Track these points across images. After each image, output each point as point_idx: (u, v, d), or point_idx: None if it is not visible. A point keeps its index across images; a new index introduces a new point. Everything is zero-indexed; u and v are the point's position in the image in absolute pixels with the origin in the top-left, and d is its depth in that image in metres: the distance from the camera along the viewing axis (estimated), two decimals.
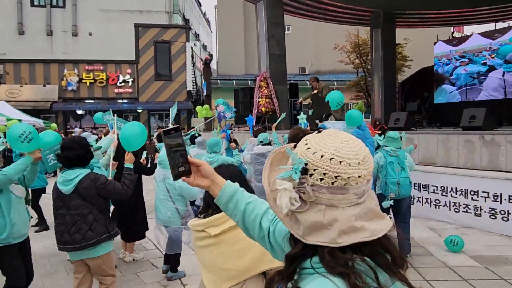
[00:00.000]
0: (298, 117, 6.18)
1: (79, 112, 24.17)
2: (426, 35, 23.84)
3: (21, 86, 23.46)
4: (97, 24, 26.70)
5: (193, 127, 11.89)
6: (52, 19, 26.13)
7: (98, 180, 3.38)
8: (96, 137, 8.69)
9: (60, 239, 3.42)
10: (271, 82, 14.44)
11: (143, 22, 25.83)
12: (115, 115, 6.93)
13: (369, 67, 20.05)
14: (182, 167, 1.27)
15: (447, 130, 8.59)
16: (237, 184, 1.41)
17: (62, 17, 26.62)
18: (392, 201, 5.07)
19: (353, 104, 20.40)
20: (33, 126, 14.06)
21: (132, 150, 3.60)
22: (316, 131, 1.14)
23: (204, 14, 50.59)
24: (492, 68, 13.15)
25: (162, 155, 4.76)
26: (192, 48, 30.02)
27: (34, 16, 25.66)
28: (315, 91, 11.10)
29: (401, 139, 5.41)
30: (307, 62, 30.78)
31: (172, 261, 4.64)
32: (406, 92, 17.33)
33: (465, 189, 6.49)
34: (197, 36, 38.44)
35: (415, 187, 7.24)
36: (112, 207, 5.08)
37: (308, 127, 6.60)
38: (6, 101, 20.09)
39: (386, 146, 5.36)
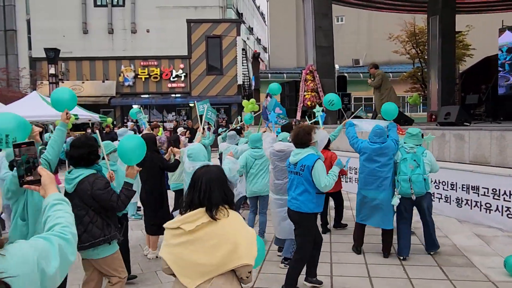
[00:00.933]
0: (314, 110, 5.90)
1: (134, 106, 25.07)
2: (492, 21, 22.00)
3: (83, 83, 24.82)
4: (154, 21, 27.49)
5: (239, 121, 11.83)
6: (113, 17, 27.27)
7: (96, 184, 3.31)
8: (132, 133, 8.92)
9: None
10: (317, 75, 14.02)
11: (197, 18, 26.17)
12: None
13: (426, 57, 18.84)
14: (30, 176, 1.49)
15: (502, 125, 7.77)
16: (55, 201, 1.70)
17: (122, 16, 27.70)
18: (399, 199, 4.97)
19: (407, 96, 19.31)
20: (89, 120, 14.60)
21: (132, 164, 3.44)
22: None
23: (258, 8, 50.57)
24: None
25: (191, 148, 4.78)
26: (245, 42, 30.07)
27: (97, 16, 26.94)
28: (370, 80, 10.53)
29: (422, 136, 5.26)
30: (361, 53, 29.68)
31: None
32: (467, 83, 16.08)
33: None
34: (250, 30, 38.46)
35: (464, 189, 6.62)
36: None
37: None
38: None
39: (405, 143, 5.18)
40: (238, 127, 10.10)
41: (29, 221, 3.23)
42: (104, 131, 16.64)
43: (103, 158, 3.82)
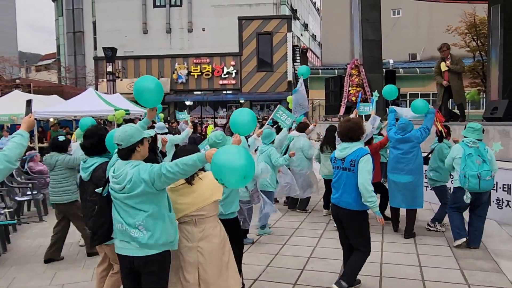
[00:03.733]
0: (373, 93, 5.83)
1: (187, 103, 25.89)
2: None
3: None
4: (209, 19, 28.16)
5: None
6: (171, 17, 28.35)
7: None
8: (167, 125, 9.16)
9: (85, 222, 3.70)
10: (363, 70, 13.57)
11: (249, 15, 26.41)
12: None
13: (487, 49, 17.52)
14: None
15: None
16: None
17: (179, 15, 28.75)
18: (470, 196, 4.92)
19: (465, 92, 18.08)
20: (140, 116, 15.26)
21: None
22: None
23: (314, 4, 49.91)
24: None
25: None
26: (299, 38, 29.82)
27: (156, 16, 28.14)
28: (447, 62, 9.02)
29: (483, 132, 5.21)
30: (419, 47, 28.23)
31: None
32: None
33: None
34: (305, 26, 38.10)
35: (505, 189, 6.10)
36: None
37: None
38: (127, 94, 22.54)
39: (465, 137, 5.15)
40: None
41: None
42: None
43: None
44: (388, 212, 6.27)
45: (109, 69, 20.33)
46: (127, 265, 2.70)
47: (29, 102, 3.16)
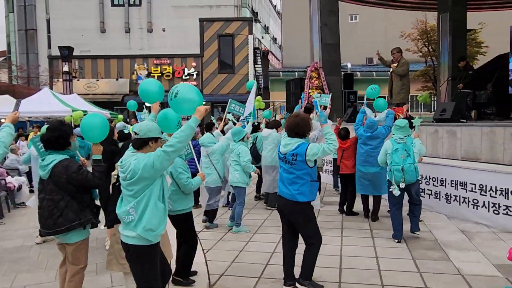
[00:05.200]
0: (313, 94, 6.12)
1: (147, 104, 25.47)
2: (506, 18, 21.39)
3: (97, 80, 25.33)
4: (169, 20, 27.87)
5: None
6: (130, 17, 27.83)
7: (70, 168, 3.41)
8: (129, 127, 9.08)
9: (41, 222, 3.54)
10: (322, 73, 13.97)
11: (211, 17, 26.38)
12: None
13: (437, 55, 18.52)
14: None
15: (492, 122, 7.64)
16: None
17: (138, 15, 28.26)
18: (399, 189, 5.30)
19: (418, 95, 19.02)
20: None
21: (94, 141, 3.55)
22: None
23: (275, 7, 50.51)
24: None
25: (202, 138, 6.17)
26: (259, 40, 30.08)
27: (114, 15, 27.50)
28: (394, 64, 9.79)
29: (411, 126, 5.74)
30: (375, 52, 29.33)
31: (210, 214, 6.36)
32: (479, 81, 15.72)
33: (506, 189, 5.70)
34: (266, 28, 38.48)
35: (452, 185, 6.55)
36: None
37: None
38: (84, 94, 21.94)
39: (394, 134, 5.63)
40: (256, 123, 10.17)
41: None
42: None
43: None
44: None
45: (66, 68, 19.73)
46: (127, 252, 3.02)
47: (18, 102, 3.80)
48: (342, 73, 15.75)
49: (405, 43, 22.01)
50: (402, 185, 5.23)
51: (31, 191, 9.20)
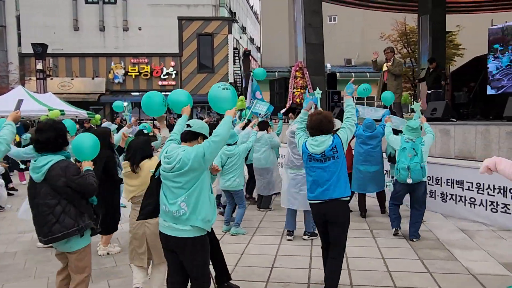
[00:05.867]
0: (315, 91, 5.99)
1: (125, 104, 24.85)
2: (481, 21, 21.99)
3: (72, 79, 24.54)
4: (146, 18, 27.41)
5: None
6: (104, 15, 27.20)
7: (69, 170, 3.13)
8: (117, 126, 8.77)
9: (37, 230, 3.23)
10: (307, 73, 13.90)
11: (189, 16, 26.05)
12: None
13: (417, 56, 18.83)
14: None
15: (486, 121, 7.72)
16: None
17: (113, 13, 27.66)
18: (392, 183, 5.56)
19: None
20: (76, 117, 14.36)
21: (83, 159, 3.38)
22: None
23: (252, 7, 50.45)
24: None
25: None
26: (238, 41, 29.92)
27: (88, 13, 26.80)
28: (389, 63, 9.64)
29: (421, 128, 5.59)
30: (354, 53, 29.66)
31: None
32: (457, 83, 16.05)
33: (504, 187, 5.72)
34: (243, 29, 38.35)
35: (448, 183, 6.54)
36: None
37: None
38: (59, 93, 21.16)
39: (404, 135, 5.53)
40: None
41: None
42: (83, 128, 16.49)
43: None
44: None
45: (39, 66, 18.97)
46: (164, 242, 3.01)
47: (20, 102, 3.79)
48: (326, 73, 15.75)
49: (384, 44, 22.32)
50: (410, 181, 5.20)
51: (9, 194, 8.72)
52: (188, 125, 3.07)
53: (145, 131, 6.99)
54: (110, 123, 7.34)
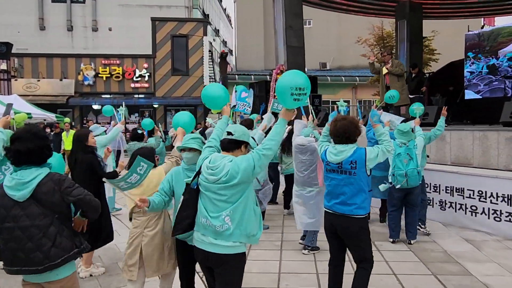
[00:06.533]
0: (337, 103, 5.68)
1: (95, 107, 23.86)
2: (456, 27, 22.44)
3: (38, 81, 23.32)
4: (117, 18, 26.68)
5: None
6: (72, 14, 26.26)
7: (63, 182, 2.63)
8: (104, 128, 8.20)
9: (12, 260, 2.61)
10: None
11: (162, 16, 25.43)
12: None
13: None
14: None
15: (484, 126, 7.62)
16: None
17: (82, 12, 26.80)
18: (388, 186, 5.39)
19: (374, 100, 19.35)
20: (44, 120, 13.47)
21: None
22: None
23: (224, 10, 50.03)
24: None
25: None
26: (211, 43, 29.45)
27: (54, 12, 25.77)
28: (388, 65, 9.62)
29: (412, 131, 5.55)
30: (329, 56, 29.73)
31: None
32: (433, 87, 16.23)
33: (508, 195, 5.56)
34: (216, 31, 37.87)
35: (447, 191, 6.35)
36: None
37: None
38: (24, 95, 20.00)
39: (396, 139, 5.46)
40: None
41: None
42: (53, 132, 15.66)
43: None
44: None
45: (3, 67, 17.81)
46: (202, 259, 2.76)
47: (9, 106, 3.69)
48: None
49: (361, 48, 22.42)
50: (398, 186, 5.29)
51: None
52: (230, 133, 2.74)
53: (139, 132, 7.09)
54: (98, 126, 6.74)
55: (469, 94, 14.61)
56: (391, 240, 5.53)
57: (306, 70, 25.45)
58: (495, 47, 14.27)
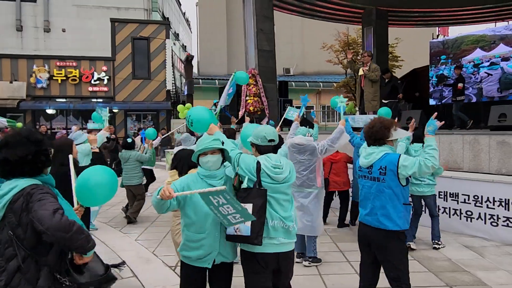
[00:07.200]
0: (337, 99, 5.31)
1: (49, 111, 22.45)
2: (418, 35, 23.20)
3: None
4: (71, 19, 25.54)
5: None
6: (22, 13, 24.79)
7: (32, 195, 2.03)
8: (88, 135, 7.48)
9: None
10: (260, 80, 13.33)
11: (121, 18, 24.49)
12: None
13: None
14: None
15: (475, 130, 7.64)
16: None
17: (33, 12, 25.45)
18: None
19: (349, 103, 19.45)
20: (6, 127, 12.35)
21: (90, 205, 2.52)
22: None
23: (184, 14, 49.20)
24: None
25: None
26: (171, 47, 28.72)
27: (2, 10, 24.25)
28: (365, 68, 9.31)
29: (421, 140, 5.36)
30: (292, 62, 29.82)
31: None
32: (394, 93, 16.56)
33: (506, 199, 5.48)
34: (176, 35, 37.05)
35: (440, 196, 6.22)
36: None
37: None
38: None
39: None
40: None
41: None
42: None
43: None
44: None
45: None
46: (269, 263, 2.72)
47: None
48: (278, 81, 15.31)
49: (326, 54, 22.59)
50: None
51: None
52: (272, 140, 2.91)
53: (129, 140, 7.25)
54: (81, 133, 6.01)
55: (434, 100, 14.98)
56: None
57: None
58: (459, 55, 14.72)
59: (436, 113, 3.32)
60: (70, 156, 2.72)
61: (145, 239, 6.15)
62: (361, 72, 9.27)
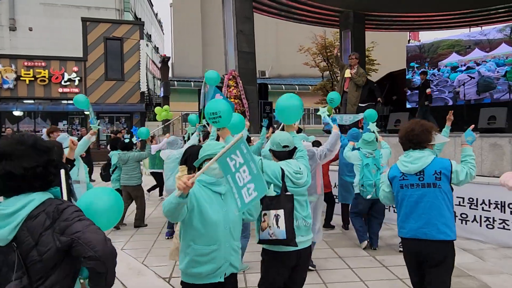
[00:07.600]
0: (319, 113, 5.23)
1: (16, 113, 21.44)
2: (394, 39, 23.58)
3: None
4: (39, 18, 24.66)
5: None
6: None
7: (62, 213, 1.69)
8: (69, 138, 7.02)
9: None
10: (240, 82, 13.12)
11: (93, 17, 23.79)
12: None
13: (336, 69, 19.31)
14: None
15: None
16: None
17: None
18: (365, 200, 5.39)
19: (318, 109, 19.53)
20: None
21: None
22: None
23: (156, 15, 48.40)
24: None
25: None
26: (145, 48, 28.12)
27: None
28: (352, 71, 9.24)
29: (376, 140, 5.58)
30: (267, 65, 29.75)
31: None
32: (372, 96, 16.73)
33: (502, 202, 5.48)
34: (149, 37, 36.35)
35: None
36: None
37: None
38: None
39: (361, 149, 5.51)
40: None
41: None
42: None
43: None
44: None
45: None
46: (291, 260, 2.87)
47: None
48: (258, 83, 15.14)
49: (303, 57, 22.62)
50: (369, 197, 5.29)
51: None
52: (286, 146, 3.00)
53: (126, 140, 7.08)
54: (66, 136, 5.48)
55: (410, 103, 15.20)
56: (365, 243, 5.52)
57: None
58: (435, 59, 15.00)
59: (451, 115, 3.28)
60: (62, 171, 2.30)
61: (132, 248, 5.81)
62: (347, 74, 9.22)
